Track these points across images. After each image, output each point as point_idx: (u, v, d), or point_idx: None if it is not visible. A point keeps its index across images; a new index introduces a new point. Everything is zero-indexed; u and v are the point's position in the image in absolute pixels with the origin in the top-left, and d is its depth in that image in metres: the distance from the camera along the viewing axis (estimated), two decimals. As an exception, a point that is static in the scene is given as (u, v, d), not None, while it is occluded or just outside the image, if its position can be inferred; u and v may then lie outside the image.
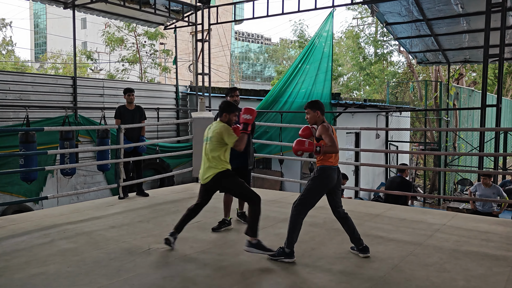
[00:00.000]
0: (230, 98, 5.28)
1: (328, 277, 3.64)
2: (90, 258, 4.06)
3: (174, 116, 13.60)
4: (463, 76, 20.11)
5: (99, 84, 11.83)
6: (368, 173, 13.80)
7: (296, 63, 11.99)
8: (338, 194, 4.30)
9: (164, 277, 3.63)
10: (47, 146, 9.20)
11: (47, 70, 32.12)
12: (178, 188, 8.06)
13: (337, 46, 27.93)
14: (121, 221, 5.46)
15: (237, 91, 5.41)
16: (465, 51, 12.75)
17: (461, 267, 3.90)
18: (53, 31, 42.09)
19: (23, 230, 5.02)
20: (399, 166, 9.88)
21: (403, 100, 21.05)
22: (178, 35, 13.76)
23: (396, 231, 5.09)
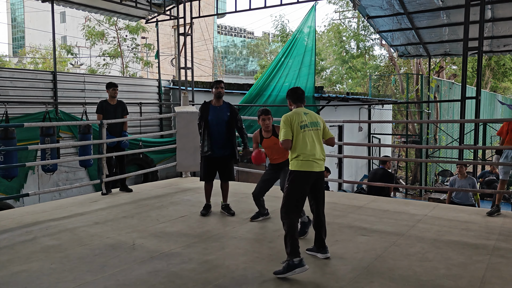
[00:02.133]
0: (215, 90, 5.38)
1: (312, 269, 3.68)
2: (74, 255, 4.02)
3: (157, 111, 13.49)
4: (444, 69, 20.41)
5: (80, 79, 11.65)
6: (351, 165, 13.95)
7: (279, 57, 12.00)
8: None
9: (149, 272, 3.62)
10: (28, 142, 9.03)
11: (26, 65, 31.47)
12: (162, 183, 8.03)
13: (319, 40, 28.01)
14: (105, 217, 5.41)
15: (222, 83, 5.47)
16: (445, 44, 12.93)
17: (442, 256, 3.99)
18: (31, 25, 41.19)
19: (4, 228, 4.94)
20: (381, 158, 10.00)
21: (385, 93, 21.29)
22: (160, 29, 13.61)
23: (379, 222, 5.16)
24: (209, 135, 5.35)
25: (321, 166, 3.89)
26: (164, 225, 5.04)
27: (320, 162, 3.88)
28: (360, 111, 14.45)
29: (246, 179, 11.08)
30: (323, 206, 4.05)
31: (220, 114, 5.36)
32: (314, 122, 3.93)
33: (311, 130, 3.89)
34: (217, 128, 5.35)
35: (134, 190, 7.13)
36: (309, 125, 3.89)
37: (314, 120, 3.95)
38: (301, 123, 3.86)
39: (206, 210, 5.56)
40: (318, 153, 3.86)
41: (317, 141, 3.90)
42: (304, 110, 3.98)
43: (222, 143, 5.37)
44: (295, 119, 3.87)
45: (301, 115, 3.91)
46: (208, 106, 5.42)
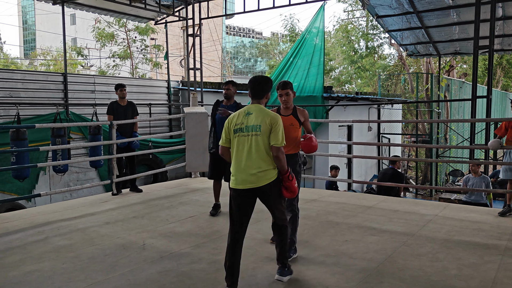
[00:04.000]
0: (223, 91, 5.52)
1: (322, 269, 3.68)
2: (85, 255, 4.06)
3: (166, 112, 13.55)
4: (454, 68, 20.23)
5: (90, 80, 11.75)
6: (360, 165, 13.88)
7: (287, 57, 11.99)
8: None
9: (159, 272, 3.64)
10: (39, 143, 9.12)
11: (37, 67, 31.81)
12: (172, 184, 8.07)
13: (328, 40, 27.94)
14: (115, 217, 5.45)
15: (230, 84, 5.51)
16: (455, 43, 12.82)
17: (453, 257, 3.96)
18: (42, 28, 41.61)
19: (17, 228, 5.00)
20: (391, 158, 9.95)
21: (395, 93, 21.16)
22: (169, 30, 13.68)
23: (389, 223, 5.14)
24: (215, 133, 5.45)
25: (254, 181, 3.26)
26: (173, 225, 5.06)
27: (251, 178, 3.25)
28: (369, 111, 14.37)
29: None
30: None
31: (226, 112, 5.41)
32: (254, 126, 3.26)
33: (246, 136, 3.27)
34: (222, 126, 5.38)
35: (144, 191, 7.17)
36: (245, 129, 3.28)
37: (255, 123, 3.27)
38: (236, 126, 3.33)
39: (215, 210, 5.60)
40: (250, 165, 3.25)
41: (254, 149, 3.24)
42: (250, 108, 3.36)
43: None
44: (232, 121, 3.36)
45: (241, 115, 3.34)
46: (218, 105, 5.55)
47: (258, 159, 3.23)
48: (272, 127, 3.24)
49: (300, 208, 5.78)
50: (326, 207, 5.94)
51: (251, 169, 3.23)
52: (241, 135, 3.28)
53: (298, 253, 4.07)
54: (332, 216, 5.45)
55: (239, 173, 3.28)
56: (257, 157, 3.24)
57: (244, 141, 3.27)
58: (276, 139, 3.22)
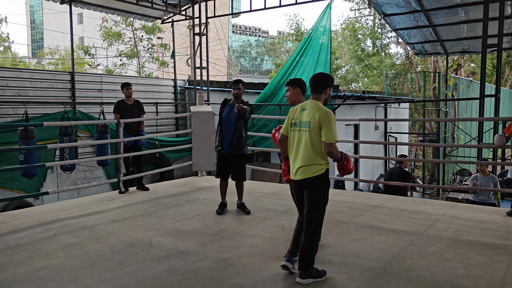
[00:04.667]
0: (232, 91, 5.51)
1: (329, 268, 3.67)
2: (92, 252, 4.09)
3: (172, 111, 13.59)
4: (462, 67, 20.09)
5: (97, 79, 11.81)
6: (367, 164, 13.84)
7: (294, 56, 11.97)
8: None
9: (166, 269, 3.66)
10: (47, 141, 9.19)
11: (44, 66, 32.02)
12: (178, 182, 8.09)
13: (335, 40, 27.85)
14: (122, 215, 5.48)
15: (240, 84, 5.53)
16: (463, 42, 12.73)
17: (461, 256, 3.94)
18: (50, 27, 41.84)
19: (25, 225, 5.04)
20: (398, 158, 9.90)
21: (402, 92, 21.06)
22: (176, 29, 13.71)
23: (396, 222, 5.12)
24: (221, 131, 5.47)
25: (299, 174, 3.41)
26: (180, 223, 5.08)
27: (298, 171, 3.42)
28: (376, 109, 14.32)
29: (261, 177, 11.10)
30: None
31: (232, 111, 5.43)
32: (305, 122, 3.41)
33: (299, 131, 3.44)
34: (228, 124, 5.44)
35: (150, 189, 7.20)
36: (298, 125, 3.45)
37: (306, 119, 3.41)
38: (292, 121, 3.53)
39: (222, 208, 5.61)
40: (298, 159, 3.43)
41: (302, 144, 3.40)
42: (306, 104, 3.51)
43: (231, 139, 5.42)
44: (291, 115, 3.56)
45: (298, 110, 3.51)
46: (225, 103, 5.56)
47: (304, 153, 3.39)
48: (322, 124, 3.32)
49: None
50: (332, 206, 5.92)
51: (298, 162, 3.43)
52: (295, 129, 3.47)
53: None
54: (339, 215, 5.44)
55: (291, 164, 3.53)
56: (304, 152, 3.40)
57: (296, 136, 3.46)
58: (327, 135, 3.30)
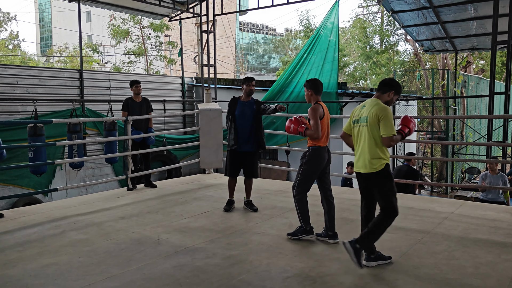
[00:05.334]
0: (246, 87, 5.47)
1: (336, 265, 3.67)
2: (101, 249, 4.12)
3: (180, 108, 13.63)
4: (471, 64, 19.92)
5: (105, 76, 11.87)
6: (375, 162, 13.76)
7: (301, 53, 11.94)
8: (327, 174, 4.45)
9: (174, 266, 3.67)
10: (55, 139, 9.28)
11: (53, 64, 32.24)
12: (186, 179, 8.11)
13: (343, 37, 27.74)
14: (130, 212, 5.51)
15: (253, 81, 5.55)
16: (472, 38, 12.61)
17: (470, 255, 3.91)
18: (58, 25, 42.12)
19: (34, 222, 5.09)
20: (405, 156, 9.83)
21: (410, 89, 20.93)
22: (183, 27, 13.73)
23: (404, 220, 5.09)
24: (235, 130, 5.42)
25: (361, 167, 3.63)
26: (188, 221, 5.10)
27: (360, 164, 3.63)
28: (384, 107, 14.23)
29: (268, 175, 11.09)
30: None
31: (247, 109, 5.42)
32: (364, 117, 3.63)
33: (360, 126, 3.67)
34: (243, 123, 5.41)
35: (158, 186, 7.23)
36: (359, 121, 3.67)
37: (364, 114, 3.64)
38: (354, 118, 3.76)
39: (229, 205, 5.61)
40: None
41: (363, 139, 3.62)
42: (367, 102, 3.73)
43: (247, 138, 5.40)
44: (354, 112, 3.81)
45: (359, 107, 3.77)
46: (236, 101, 5.52)
47: (365, 148, 3.59)
48: (379, 119, 3.50)
49: (313, 205, 5.78)
50: (340, 204, 5.90)
51: (360, 156, 3.64)
52: (357, 125, 3.69)
53: (312, 249, 4.07)
54: (346, 213, 5.42)
55: (355, 158, 3.72)
56: (365, 146, 3.60)
57: (357, 131, 3.69)
58: (384, 129, 3.49)
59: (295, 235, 4.36)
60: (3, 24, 37.73)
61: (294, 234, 4.38)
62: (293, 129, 4.36)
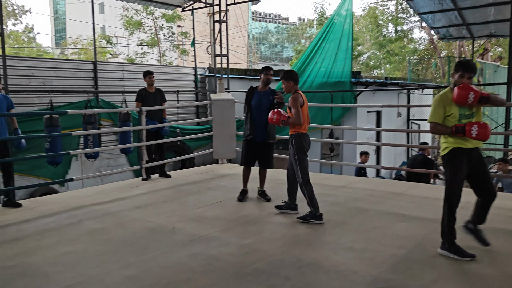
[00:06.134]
0: (264, 77, 5.43)
1: (350, 255, 3.66)
2: (117, 238, 4.18)
3: (193, 99, 13.66)
4: (488, 51, 19.54)
5: (119, 68, 11.95)
6: (389, 152, 13.66)
7: (315, 42, 11.84)
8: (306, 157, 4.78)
9: (189, 254, 3.71)
10: (71, 130, 9.39)
11: (67, 56, 32.53)
12: (199, 170, 8.16)
13: (356, 25, 27.39)
14: (145, 202, 5.57)
15: (271, 70, 5.53)
16: (490, 25, 12.34)
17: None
18: (72, 17, 42.36)
19: (52, 211, 5.18)
20: (420, 145, 9.73)
21: (425, 78, 20.63)
22: (196, 17, 13.71)
23: (419, 209, 5.05)
24: (251, 120, 5.39)
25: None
26: (202, 210, 5.13)
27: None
28: (399, 96, 14.08)
29: (281, 165, 11.08)
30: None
31: (264, 99, 5.38)
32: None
33: None
34: (259, 113, 5.36)
35: (172, 176, 7.28)
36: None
37: None
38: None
39: (243, 195, 5.62)
40: None
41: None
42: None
43: (263, 128, 5.37)
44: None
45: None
46: (253, 91, 5.49)
47: None
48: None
49: (327, 194, 5.77)
50: (354, 194, 5.89)
51: None
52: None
53: (325, 238, 4.08)
54: (360, 203, 5.40)
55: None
56: None
57: None
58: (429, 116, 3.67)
59: (305, 218, 4.57)
60: (18, 17, 38.10)
61: (304, 218, 4.58)
62: (276, 119, 4.68)
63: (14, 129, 5.54)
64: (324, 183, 6.60)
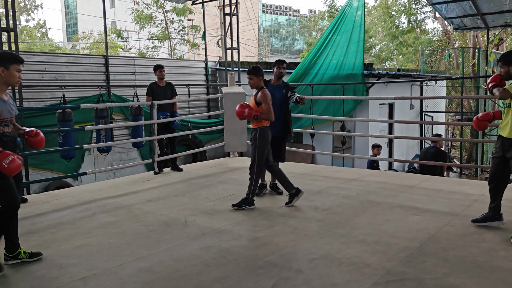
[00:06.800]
0: (276, 70, 5.42)
1: (362, 247, 3.65)
2: (130, 231, 4.21)
3: (204, 92, 13.67)
4: (504, 42, 19.18)
5: (130, 62, 11.99)
6: (402, 144, 13.55)
7: (326, 34, 11.74)
8: (269, 149, 5.04)
9: (201, 247, 3.73)
10: (83, 124, 9.49)
11: (79, 51, 32.76)
12: (211, 163, 8.18)
13: (368, 16, 27.09)
14: (157, 195, 5.61)
15: (284, 63, 5.53)
16: (505, 15, 12.08)
17: (501, 238, 3.82)
18: (83, 11, 42.67)
19: (66, 205, 5.24)
20: (432, 137, 9.62)
21: (439, 69, 20.35)
22: (206, 10, 13.67)
23: (432, 202, 5.00)
24: None
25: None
26: (214, 203, 5.15)
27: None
28: (411, 88, 13.91)
29: (293, 158, 11.06)
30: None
31: (277, 93, 5.32)
32: None
33: None
34: (274, 106, 5.26)
35: (184, 170, 7.31)
36: None
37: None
38: None
39: (260, 189, 5.55)
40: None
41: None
42: None
43: (276, 121, 5.27)
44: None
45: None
46: (266, 84, 5.39)
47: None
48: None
49: (339, 188, 5.75)
50: (366, 187, 5.86)
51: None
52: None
53: (338, 231, 4.06)
54: (373, 196, 5.37)
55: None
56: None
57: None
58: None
59: (240, 206, 4.85)
60: (30, 13, 38.47)
61: (239, 205, 4.87)
62: (247, 113, 4.72)
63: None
64: (337, 176, 6.57)
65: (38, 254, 3.54)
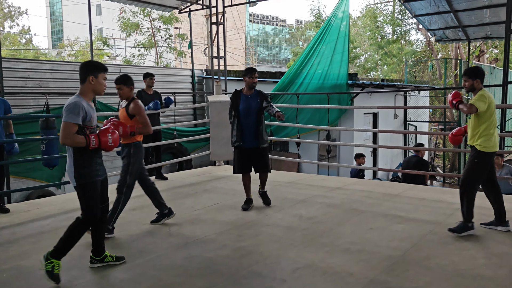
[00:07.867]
0: (248, 80, 5.17)
1: (346, 256, 3.67)
2: (112, 240, 4.16)
3: (190, 100, 13.65)
4: (484, 53, 19.60)
5: (116, 70, 11.91)
6: (386, 154, 13.69)
7: (311, 44, 11.86)
8: (143, 166, 4.64)
9: (184, 257, 3.70)
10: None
11: (64, 58, 32.46)
12: (197, 172, 8.15)
13: (354, 27, 27.44)
14: (141, 204, 5.55)
15: (256, 72, 5.23)
16: (486, 27, 12.37)
17: (482, 245, 3.88)
18: (69, 18, 42.34)
19: (48, 214, 5.16)
20: (414, 147, 9.74)
21: (422, 79, 20.69)
22: (193, 19, 13.70)
23: (415, 211, 5.06)
24: (240, 125, 5.15)
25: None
26: (198, 212, 5.13)
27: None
28: (395, 98, 14.11)
29: (279, 167, 11.09)
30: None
31: (251, 103, 5.15)
32: None
33: None
34: (248, 118, 5.13)
35: (169, 178, 7.27)
36: None
37: None
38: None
39: (247, 204, 5.30)
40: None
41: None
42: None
43: (254, 133, 5.13)
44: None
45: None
46: (239, 95, 5.23)
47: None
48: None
49: (324, 196, 5.76)
50: (350, 195, 5.90)
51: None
52: None
53: (322, 240, 4.07)
54: (357, 204, 5.41)
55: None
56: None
57: None
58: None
59: (158, 220, 4.68)
60: (14, 19, 38.03)
61: (157, 220, 4.69)
62: (122, 132, 4.11)
63: (9, 134, 5.53)
64: (321, 185, 6.60)
65: (122, 258, 3.61)
